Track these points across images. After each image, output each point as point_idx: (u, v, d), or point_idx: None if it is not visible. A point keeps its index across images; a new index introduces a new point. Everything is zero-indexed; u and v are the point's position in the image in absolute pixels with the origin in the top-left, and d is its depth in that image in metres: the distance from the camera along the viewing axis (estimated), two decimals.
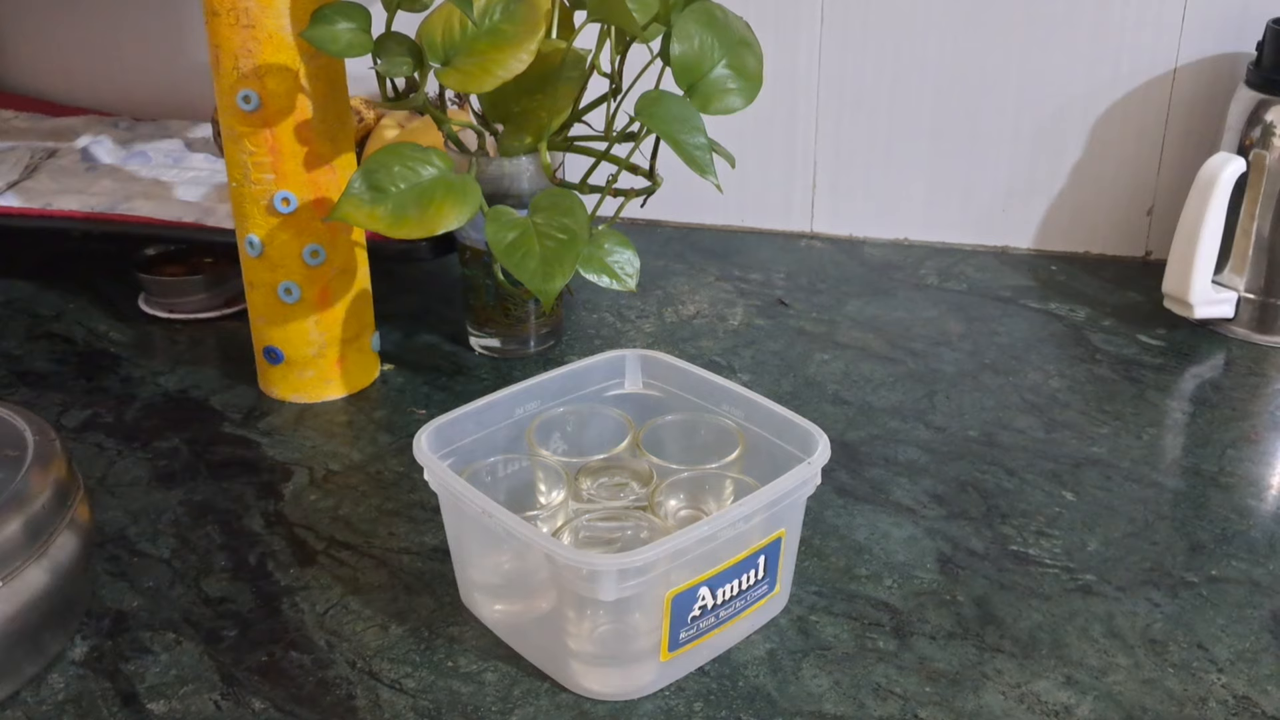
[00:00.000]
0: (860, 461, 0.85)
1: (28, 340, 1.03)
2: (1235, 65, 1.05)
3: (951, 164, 1.17)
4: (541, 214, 0.84)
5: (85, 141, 1.22)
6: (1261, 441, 0.87)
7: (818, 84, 1.17)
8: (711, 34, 0.83)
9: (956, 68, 1.13)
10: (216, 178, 1.14)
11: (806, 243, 1.22)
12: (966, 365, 0.98)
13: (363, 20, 0.81)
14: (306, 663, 0.67)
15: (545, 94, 0.88)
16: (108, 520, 0.79)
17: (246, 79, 0.83)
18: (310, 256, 0.88)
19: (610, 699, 0.64)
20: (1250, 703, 0.64)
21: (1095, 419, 0.90)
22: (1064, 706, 0.64)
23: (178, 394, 0.95)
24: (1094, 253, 1.17)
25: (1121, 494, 0.81)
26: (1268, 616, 0.70)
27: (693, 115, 0.81)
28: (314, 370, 0.92)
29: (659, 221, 1.25)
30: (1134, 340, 1.01)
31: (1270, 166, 0.97)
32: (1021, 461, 0.85)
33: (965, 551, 0.76)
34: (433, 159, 0.83)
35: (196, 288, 1.06)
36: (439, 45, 0.82)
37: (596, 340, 1.02)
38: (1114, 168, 1.14)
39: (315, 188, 0.87)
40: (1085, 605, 0.71)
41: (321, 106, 0.85)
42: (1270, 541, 0.76)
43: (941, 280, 1.13)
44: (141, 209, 1.07)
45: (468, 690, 0.65)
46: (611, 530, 0.69)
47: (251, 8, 0.81)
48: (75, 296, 1.10)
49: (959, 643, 0.68)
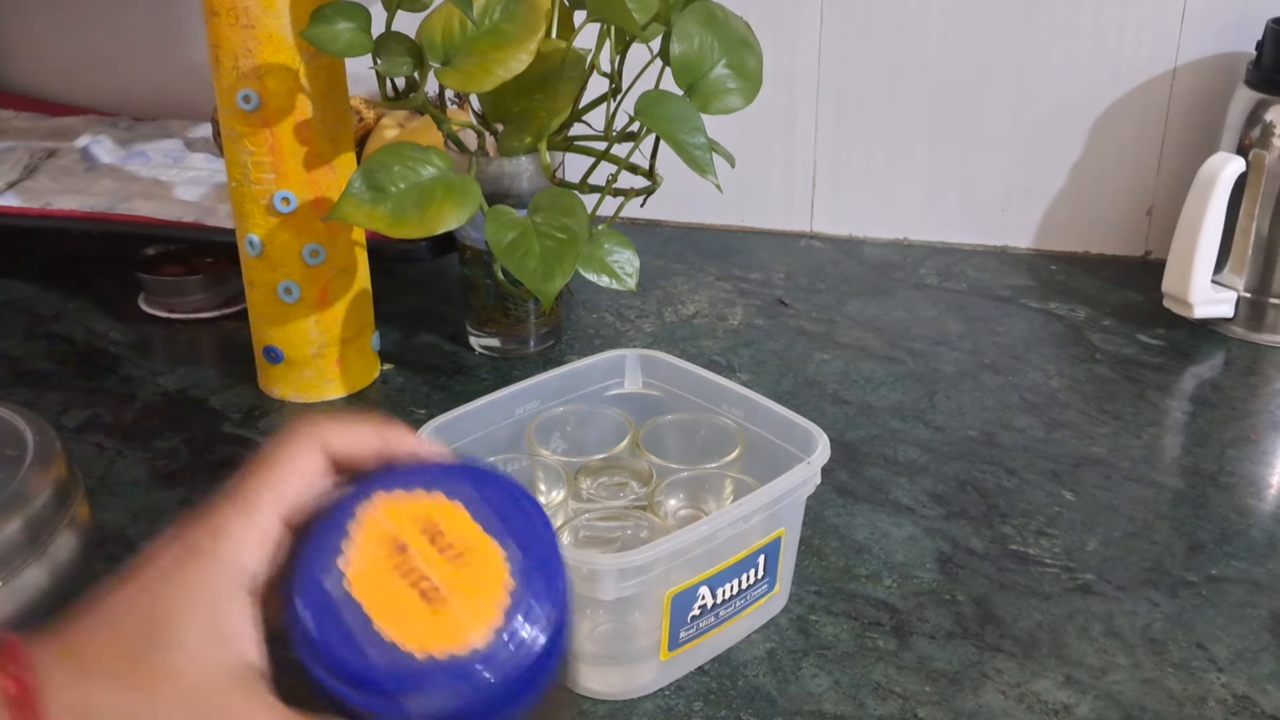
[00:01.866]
0: (860, 461, 0.85)
1: (28, 340, 1.03)
2: (1235, 65, 1.05)
3: (951, 164, 1.17)
4: (541, 214, 0.84)
5: (85, 141, 1.22)
6: (1261, 441, 0.87)
7: (818, 84, 1.17)
8: (711, 34, 0.83)
9: (956, 67, 1.13)
10: (216, 177, 1.14)
11: (806, 242, 1.22)
12: (966, 365, 0.98)
13: (363, 20, 0.81)
14: None
15: (545, 94, 0.88)
16: (108, 520, 0.79)
17: (246, 79, 0.83)
18: (310, 256, 0.88)
19: (610, 698, 0.64)
20: (1250, 702, 0.64)
21: (1095, 419, 0.90)
22: (1064, 706, 0.64)
23: (178, 394, 0.95)
24: (1094, 252, 1.17)
25: (1121, 493, 0.81)
26: (1267, 616, 0.70)
27: (693, 115, 0.81)
28: (314, 370, 0.92)
29: (659, 221, 1.25)
30: (1134, 340, 1.01)
31: (1270, 166, 0.97)
32: (1021, 461, 0.85)
33: (965, 551, 0.76)
34: (433, 159, 0.83)
35: (196, 287, 1.06)
36: (439, 45, 0.82)
37: (596, 340, 1.02)
38: (1114, 167, 1.14)
39: (315, 187, 0.87)
40: (1085, 605, 0.71)
41: (321, 106, 0.85)
42: (1270, 541, 0.76)
43: (941, 280, 1.13)
44: (141, 209, 1.08)
45: None
46: (611, 530, 0.69)
47: (251, 7, 0.81)
48: (75, 296, 1.10)
49: (959, 642, 0.68)
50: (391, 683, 0.37)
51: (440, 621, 0.38)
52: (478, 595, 0.39)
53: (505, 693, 0.38)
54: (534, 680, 0.39)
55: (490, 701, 0.38)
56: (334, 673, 0.38)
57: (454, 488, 0.41)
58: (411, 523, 0.40)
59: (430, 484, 0.41)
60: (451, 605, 0.39)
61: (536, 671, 0.39)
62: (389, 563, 0.39)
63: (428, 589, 0.39)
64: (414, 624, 0.38)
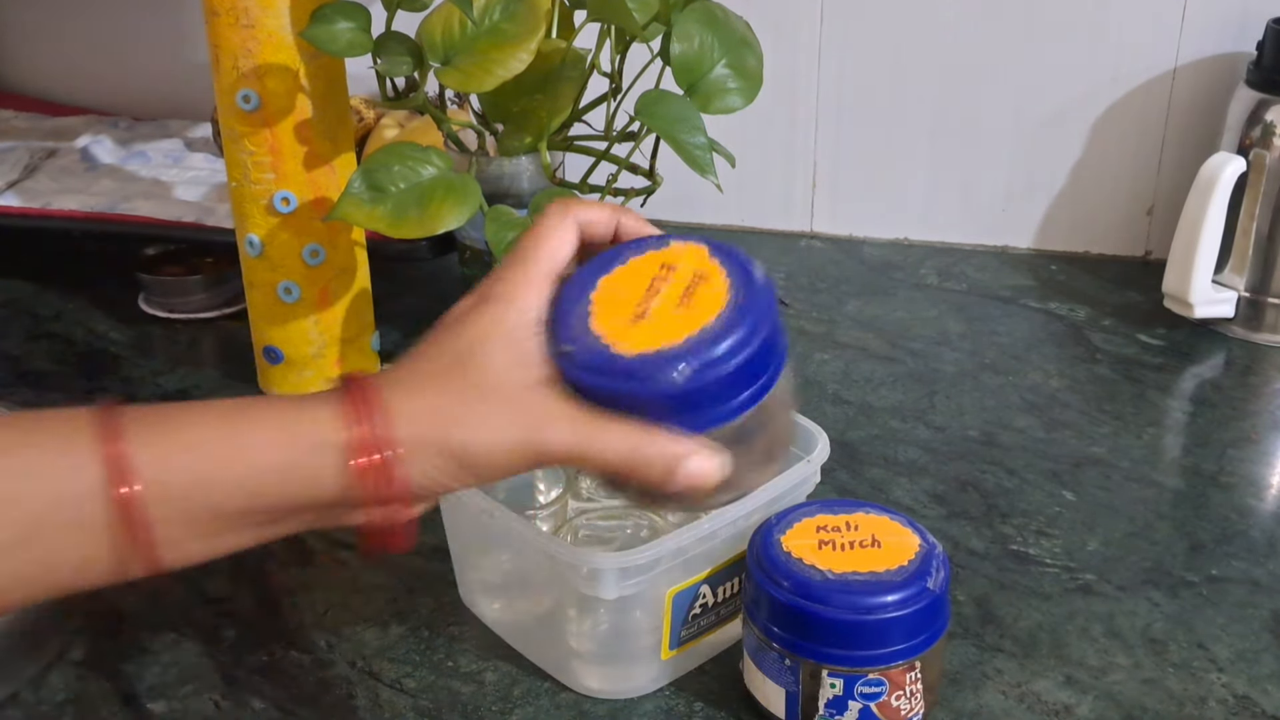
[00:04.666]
0: (860, 461, 0.85)
1: (27, 340, 1.03)
2: (1235, 65, 1.05)
3: (951, 163, 1.17)
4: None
5: (85, 141, 1.22)
6: (1261, 441, 0.87)
7: (818, 84, 1.17)
8: (711, 33, 0.83)
9: (956, 67, 1.13)
10: (216, 177, 1.14)
11: (806, 242, 1.21)
12: (966, 365, 0.98)
13: (363, 20, 0.81)
14: (306, 663, 0.67)
15: (545, 93, 0.87)
16: None
17: (246, 79, 0.83)
18: (310, 256, 0.88)
19: (610, 698, 0.64)
20: (1250, 702, 0.64)
21: (1095, 419, 0.90)
22: (1064, 706, 0.64)
23: (177, 394, 0.95)
24: (1094, 252, 1.17)
25: (1122, 493, 0.81)
26: (1268, 616, 0.70)
27: (693, 115, 0.81)
28: (313, 370, 0.92)
29: (659, 221, 1.24)
30: (1134, 340, 1.01)
31: (1270, 166, 0.97)
32: (1021, 461, 0.85)
33: (965, 551, 0.76)
34: (432, 159, 0.82)
35: (196, 287, 1.06)
36: (439, 45, 0.82)
37: None
38: (1114, 167, 1.14)
39: (315, 187, 0.87)
40: (1085, 605, 0.71)
41: (321, 106, 0.85)
42: (1270, 541, 0.76)
43: (941, 280, 1.13)
44: (141, 209, 1.07)
45: (468, 690, 0.65)
46: (611, 529, 0.69)
47: (251, 7, 0.81)
48: (75, 296, 1.10)
49: (959, 642, 0.68)
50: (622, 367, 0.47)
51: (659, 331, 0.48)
52: (697, 315, 0.48)
53: (760, 356, 0.48)
54: (738, 384, 0.48)
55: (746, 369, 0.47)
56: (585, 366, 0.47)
57: (687, 241, 0.52)
58: (650, 264, 0.51)
59: (665, 240, 0.52)
60: (674, 319, 0.48)
61: (743, 376, 0.47)
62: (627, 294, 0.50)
63: (653, 309, 0.49)
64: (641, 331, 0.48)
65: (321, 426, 0.45)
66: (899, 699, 0.59)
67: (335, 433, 0.45)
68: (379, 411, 0.46)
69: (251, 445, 0.45)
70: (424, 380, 0.47)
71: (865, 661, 0.58)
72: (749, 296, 0.48)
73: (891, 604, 0.57)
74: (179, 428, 0.46)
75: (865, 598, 0.57)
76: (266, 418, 0.46)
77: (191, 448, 0.45)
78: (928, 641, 0.58)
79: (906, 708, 0.59)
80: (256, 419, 0.46)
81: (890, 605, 0.57)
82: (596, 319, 0.48)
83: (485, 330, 0.48)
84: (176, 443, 0.45)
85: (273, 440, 0.46)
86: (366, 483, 0.45)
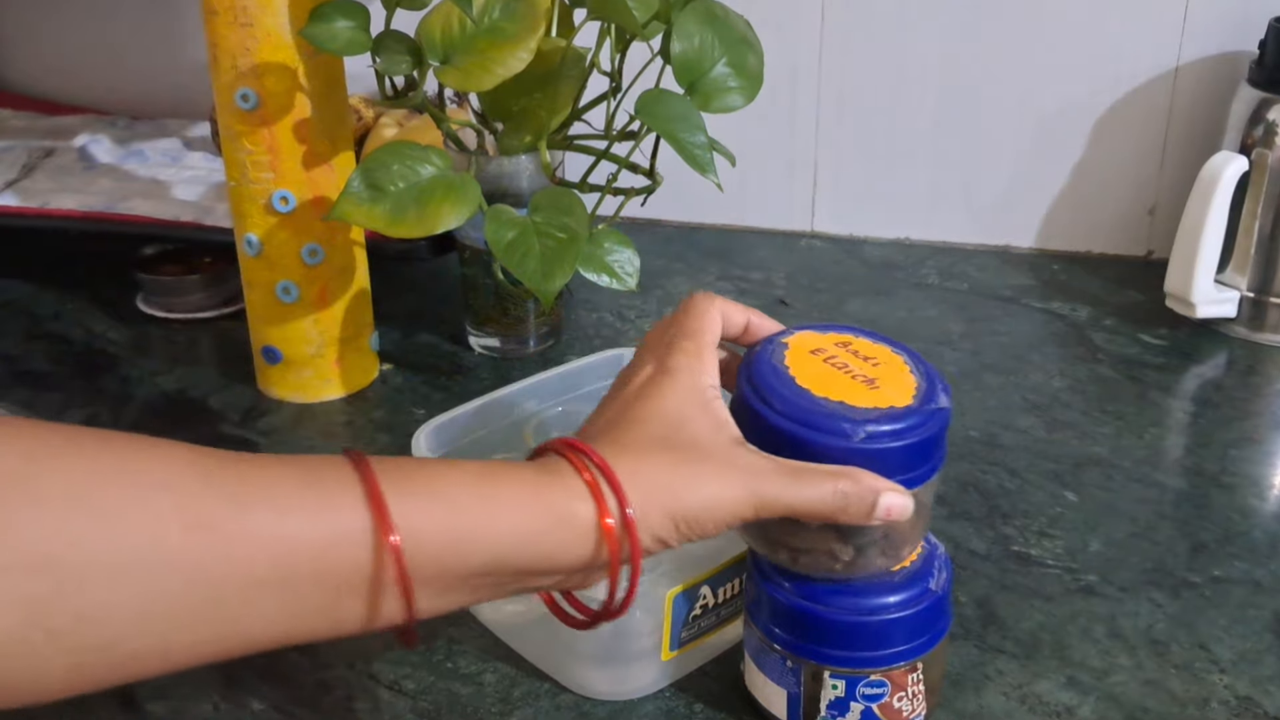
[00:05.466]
0: None
1: (25, 340, 1.03)
2: (1237, 64, 1.05)
3: (952, 163, 1.17)
4: (541, 213, 0.83)
5: (83, 140, 1.21)
6: (1264, 441, 0.87)
7: (818, 83, 1.17)
8: (712, 32, 0.83)
9: (957, 67, 1.13)
10: (214, 177, 1.14)
11: (807, 242, 1.21)
12: (967, 365, 0.97)
13: (362, 18, 0.81)
14: (305, 663, 0.67)
15: (545, 92, 0.87)
16: None
17: (245, 77, 0.82)
18: (309, 256, 0.87)
19: (610, 699, 0.64)
20: (1253, 703, 0.63)
21: (1097, 419, 0.90)
22: (1066, 707, 0.63)
23: (176, 394, 0.94)
24: (1096, 252, 1.17)
25: (1123, 494, 0.81)
26: (1270, 617, 0.70)
27: (693, 114, 0.81)
28: (312, 370, 0.92)
29: (659, 220, 1.24)
30: (1136, 340, 1.01)
31: (1272, 165, 0.96)
32: (1023, 461, 0.84)
33: (966, 552, 0.75)
34: (432, 158, 0.82)
35: (194, 287, 1.06)
36: (438, 43, 0.82)
37: (596, 340, 1.01)
38: (1116, 167, 1.13)
39: (314, 187, 0.86)
40: (1087, 606, 0.71)
41: (320, 105, 0.85)
42: (1273, 542, 0.76)
43: (942, 280, 1.12)
44: (139, 208, 1.07)
45: (467, 691, 0.65)
46: None
47: (250, 6, 0.81)
48: (73, 296, 1.10)
49: (960, 643, 0.68)
50: (837, 422, 0.52)
51: (873, 395, 0.54)
52: (896, 382, 0.55)
53: (928, 446, 0.54)
54: (942, 442, 0.55)
55: (917, 450, 0.53)
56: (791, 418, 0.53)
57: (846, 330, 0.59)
58: (829, 344, 0.57)
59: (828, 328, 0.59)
60: (879, 386, 0.54)
61: (915, 456, 0.53)
62: (822, 363, 0.56)
63: (857, 375, 0.55)
64: (852, 395, 0.54)
65: (571, 495, 0.48)
66: (901, 700, 0.58)
67: (584, 501, 0.48)
68: (617, 480, 0.49)
69: (504, 509, 0.47)
70: (642, 448, 0.50)
71: (867, 663, 0.57)
72: (930, 387, 0.55)
73: (894, 605, 0.57)
74: (432, 481, 0.46)
75: (867, 599, 0.57)
76: (516, 480, 0.48)
77: (449, 504, 0.46)
78: (930, 642, 0.58)
79: (908, 709, 0.59)
80: (504, 482, 0.48)
81: (892, 606, 0.57)
82: (788, 375, 0.55)
83: (682, 399, 0.52)
84: (435, 497, 0.46)
85: (524, 505, 0.47)
86: (615, 549, 0.48)
